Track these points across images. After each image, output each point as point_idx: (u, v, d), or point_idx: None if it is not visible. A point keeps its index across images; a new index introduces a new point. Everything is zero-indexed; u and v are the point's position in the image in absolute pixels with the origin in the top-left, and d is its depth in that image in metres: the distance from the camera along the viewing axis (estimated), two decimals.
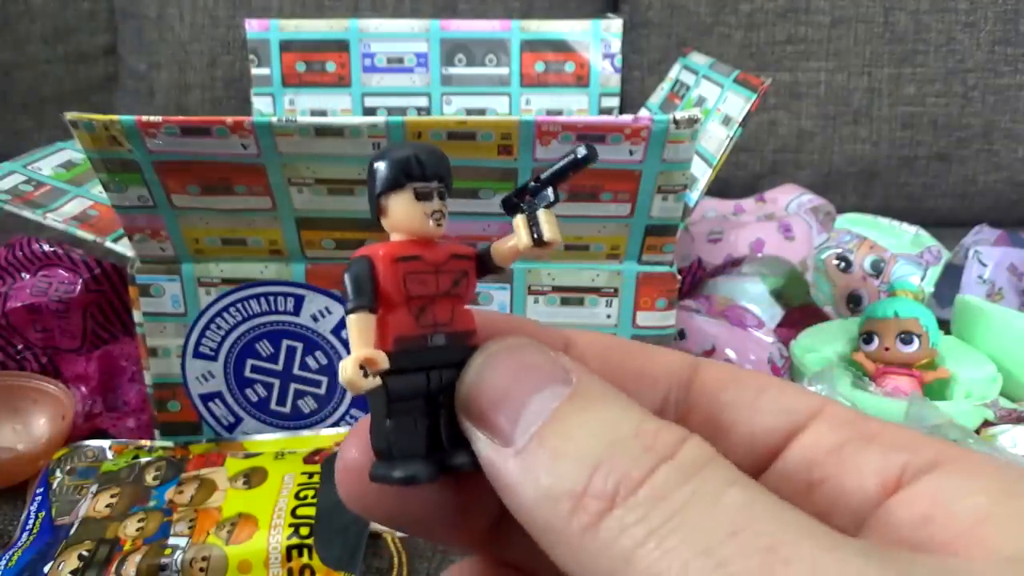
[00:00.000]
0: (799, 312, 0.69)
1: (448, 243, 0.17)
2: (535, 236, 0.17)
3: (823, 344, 0.65)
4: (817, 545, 0.12)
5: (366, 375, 0.15)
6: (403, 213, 0.17)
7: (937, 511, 0.14)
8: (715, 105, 0.57)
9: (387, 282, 0.16)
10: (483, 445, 0.14)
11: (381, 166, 0.17)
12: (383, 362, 0.15)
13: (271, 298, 0.51)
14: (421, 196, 0.16)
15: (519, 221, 0.17)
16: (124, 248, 0.52)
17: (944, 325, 0.65)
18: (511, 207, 0.17)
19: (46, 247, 0.62)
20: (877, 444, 0.15)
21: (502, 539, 0.17)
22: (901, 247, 0.80)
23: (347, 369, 0.15)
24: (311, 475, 0.49)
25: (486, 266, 0.17)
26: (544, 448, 0.13)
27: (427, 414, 0.15)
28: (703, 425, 0.16)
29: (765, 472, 0.16)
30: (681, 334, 0.61)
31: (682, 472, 0.13)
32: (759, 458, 0.16)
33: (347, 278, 0.16)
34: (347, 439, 0.16)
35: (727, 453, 0.15)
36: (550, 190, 0.17)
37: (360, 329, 0.15)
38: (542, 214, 0.17)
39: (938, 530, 0.13)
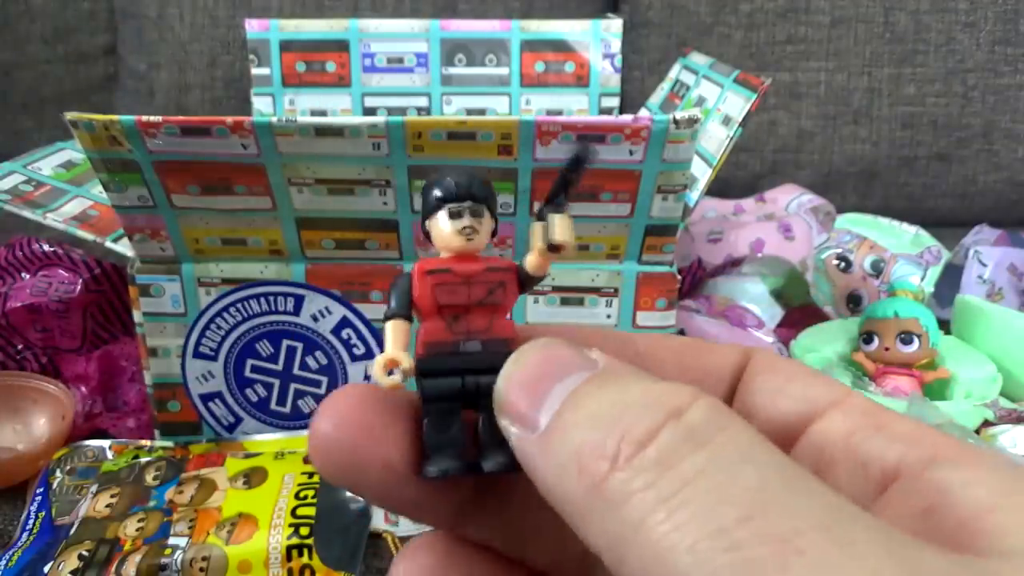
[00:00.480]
0: (799, 312, 0.69)
1: (489, 257, 0.18)
2: (547, 240, 0.17)
3: (823, 344, 0.65)
4: (832, 539, 0.11)
5: (391, 374, 0.17)
6: (438, 231, 0.18)
7: (939, 502, 0.14)
8: (715, 105, 0.57)
9: (418, 293, 0.17)
10: (514, 437, 0.15)
11: (424, 194, 0.18)
12: (405, 363, 0.17)
13: (271, 298, 0.51)
14: (453, 215, 0.18)
15: (535, 227, 0.18)
16: (124, 248, 0.52)
17: (944, 325, 0.65)
18: (537, 215, 0.18)
19: (46, 247, 0.62)
20: (883, 434, 0.15)
21: (467, 519, 0.17)
22: (901, 247, 0.80)
23: (374, 367, 0.17)
24: (311, 475, 0.49)
25: (526, 277, 0.18)
26: (560, 423, 0.14)
27: (460, 416, 0.17)
28: (736, 408, 0.17)
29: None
30: (681, 334, 0.61)
31: (692, 435, 0.12)
32: (777, 441, 0.16)
33: (390, 289, 0.18)
34: (319, 412, 0.17)
35: None
36: (561, 196, 0.18)
37: (392, 334, 0.18)
38: (554, 219, 0.17)
39: (941, 521, 0.13)
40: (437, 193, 0.18)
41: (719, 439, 0.13)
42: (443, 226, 0.18)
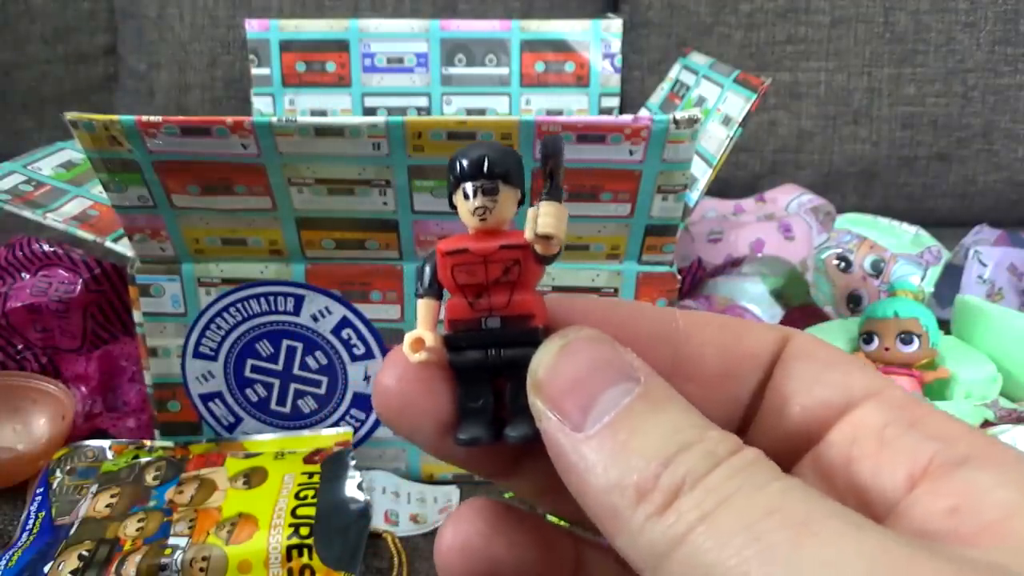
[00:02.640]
0: (799, 312, 0.69)
1: (508, 233, 0.18)
2: (533, 230, 0.18)
3: None
4: (845, 522, 0.13)
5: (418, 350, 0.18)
6: (459, 211, 0.18)
7: (964, 503, 0.14)
8: (715, 105, 0.57)
9: (440, 273, 0.18)
10: (552, 426, 0.15)
11: (448, 172, 0.19)
12: (429, 340, 0.18)
13: (271, 298, 0.51)
14: (466, 195, 0.18)
15: (528, 214, 0.18)
16: (124, 248, 0.52)
17: (944, 325, 0.65)
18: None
19: (46, 247, 0.62)
20: (916, 430, 0.16)
21: (508, 474, 0.19)
22: (901, 247, 0.80)
23: (404, 343, 0.18)
24: (311, 475, 0.49)
25: (538, 255, 0.19)
26: (615, 440, 0.15)
27: (490, 386, 0.18)
28: (771, 392, 0.18)
29: (815, 444, 0.17)
30: None
31: (734, 470, 0.14)
32: (812, 429, 0.17)
33: (420, 268, 0.19)
34: (385, 365, 0.18)
35: (783, 419, 0.17)
36: (548, 186, 0.18)
37: (421, 312, 0.18)
38: (539, 207, 0.18)
39: (964, 522, 0.14)
40: (453, 172, 0.18)
41: (751, 469, 0.14)
42: (461, 206, 0.18)
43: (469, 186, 0.18)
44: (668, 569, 0.14)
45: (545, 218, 0.17)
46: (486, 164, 0.18)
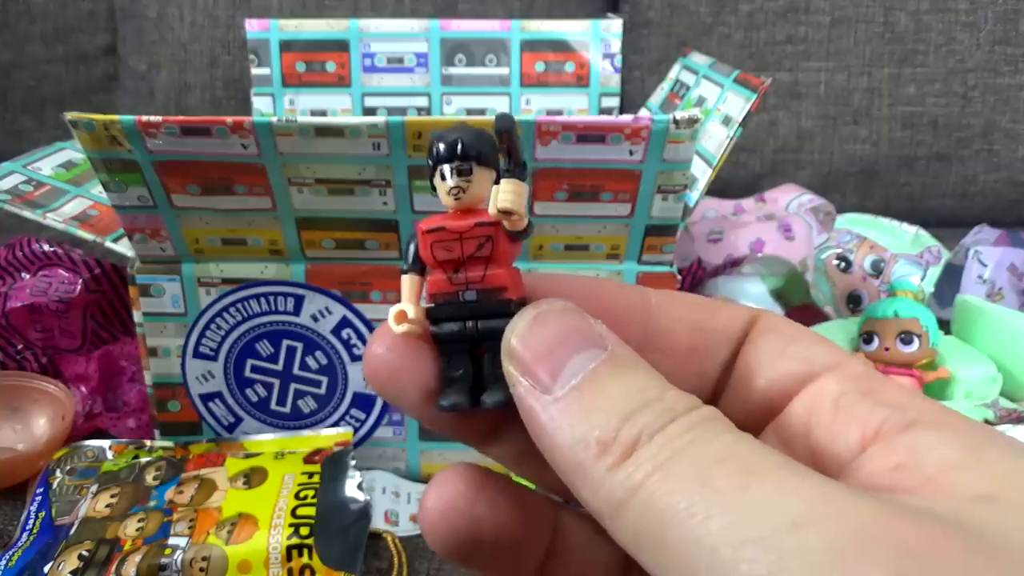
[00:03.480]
0: (799, 312, 0.69)
1: (480, 213, 0.19)
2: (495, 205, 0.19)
3: None
4: (790, 471, 0.14)
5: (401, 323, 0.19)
6: (438, 192, 0.19)
7: (908, 460, 0.15)
8: (715, 105, 0.57)
9: (421, 251, 0.19)
10: (524, 391, 0.17)
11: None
12: (412, 313, 0.19)
13: (271, 298, 0.51)
14: (442, 176, 0.19)
15: (492, 191, 0.19)
16: (124, 248, 0.52)
17: (944, 325, 0.65)
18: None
19: (46, 247, 0.62)
20: (869, 398, 0.16)
21: (488, 440, 0.20)
22: (901, 247, 0.80)
23: (388, 316, 0.19)
24: (311, 475, 0.49)
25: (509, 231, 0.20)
26: (580, 401, 0.16)
27: (469, 355, 0.19)
28: (739, 365, 0.19)
29: (778, 414, 0.18)
30: None
31: (689, 424, 0.15)
32: (776, 400, 0.18)
33: (405, 247, 0.20)
34: (374, 337, 0.19)
35: (749, 392, 0.18)
36: (508, 164, 0.19)
37: (405, 287, 0.20)
38: (501, 184, 0.19)
39: (907, 476, 0.15)
40: (431, 155, 0.19)
41: (705, 423, 0.15)
42: (438, 187, 0.19)
43: (446, 168, 0.19)
44: (626, 516, 0.15)
45: (504, 195, 0.18)
46: (459, 146, 0.19)
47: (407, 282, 0.20)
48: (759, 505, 0.13)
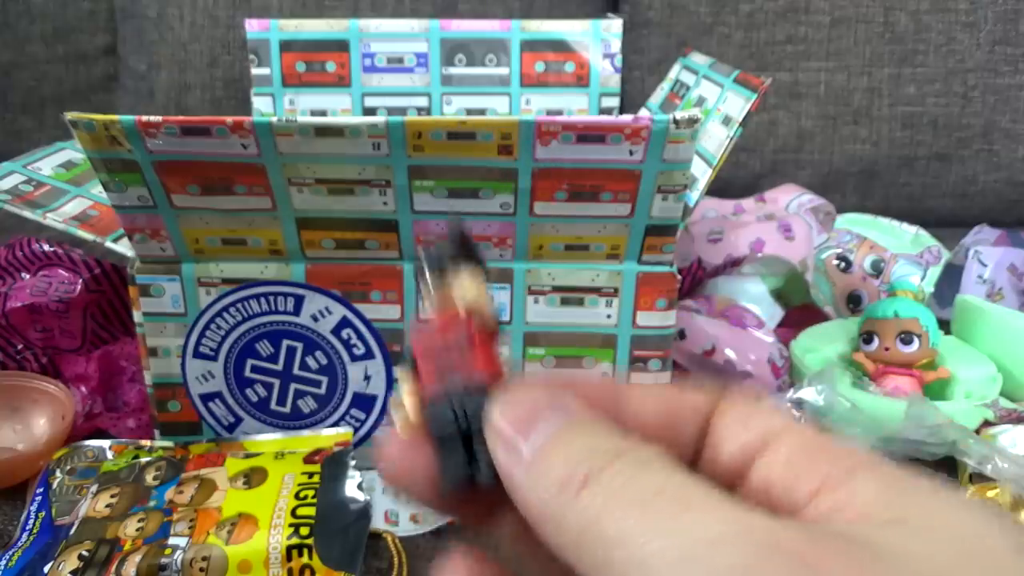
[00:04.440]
0: (799, 312, 0.69)
1: (455, 313, 0.22)
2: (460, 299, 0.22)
3: (823, 344, 0.65)
4: (717, 500, 0.16)
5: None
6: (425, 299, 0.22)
7: (846, 501, 0.17)
8: (715, 105, 0.57)
9: (414, 353, 0.22)
10: (503, 458, 0.19)
11: None
12: (412, 417, 0.21)
13: (271, 298, 0.51)
14: (426, 286, 0.22)
15: (454, 293, 0.22)
16: (124, 248, 0.52)
17: (944, 325, 0.65)
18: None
19: (46, 247, 0.62)
20: (815, 457, 0.19)
21: (483, 526, 0.22)
22: (901, 247, 0.80)
23: (395, 422, 0.22)
24: (311, 475, 0.49)
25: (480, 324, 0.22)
26: (546, 455, 0.18)
27: (462, 439, 0.21)
28: (709, 440, 0.21)
29: (746, 476, 0.20)
30: (681, 334, 0.61)
31: (634, 461, 0.18)
32: (741, 465, 0.20)
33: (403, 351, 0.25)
34: (384, 445, 0.21)
35: (719, 460, 0.20)
36: (460, 259, 0.22)
37: (404, 389, 0.22)
38: (464, 282, 0.22)
39: (842, 514, 0.17)
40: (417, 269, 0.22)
41: (651, 462, 0.18)
42: (424, 296, 0.22)
43: (427, 278, 0.22)
44: (584, 546, 0.17)
45: (462, 291, 0.22)
46: (433, 260, 0.22)
47: (405, 385, 0.22)
48: (689, 528, 0.16)
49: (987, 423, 0.57)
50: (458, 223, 0.22)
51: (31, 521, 0.48)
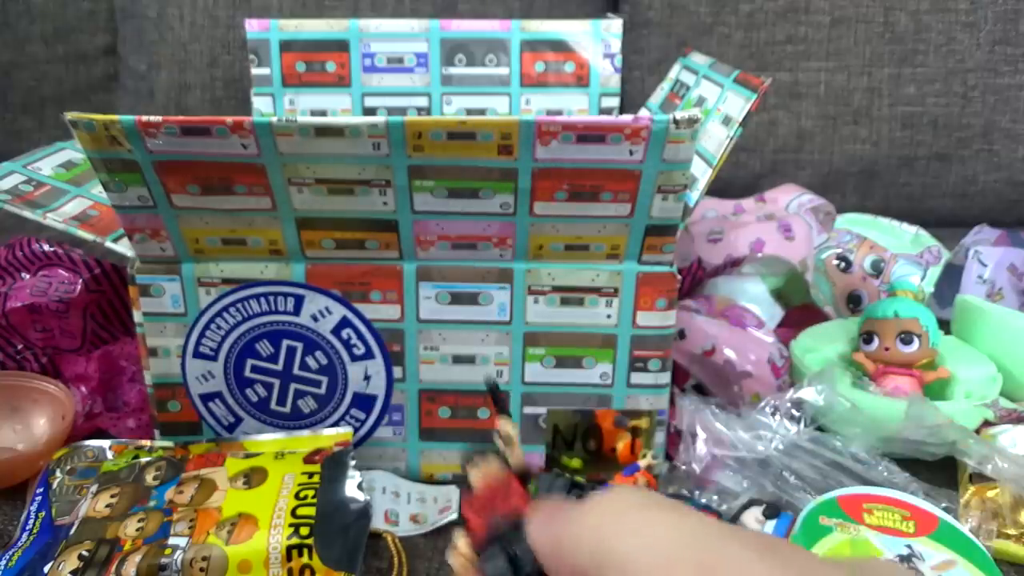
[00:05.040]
0: (799, 312, 0.69)
1: (495, 477, 0.29)
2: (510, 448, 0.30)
3: (823, 344, 0.65)
4: (684, 512, 0.21)
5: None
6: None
7: None
8: (715, 105, 0.57)
9: (463, 514, 0.29)
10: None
11: None
12: (470, 556, 0.28)
13: (271, 298, 0.51)
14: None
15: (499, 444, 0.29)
16: (124, 248, 0.52)
17: (944, 325, 0.65)
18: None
19: (46, 247, 0.62)
20: None
21: None
22: (901, 247, 0.80)
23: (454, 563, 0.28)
24: (311, 475, 0.49)
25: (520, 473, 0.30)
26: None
27: (513, 571, 0.27)
28: None
29: None
30: (681, 334, 0.61)
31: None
32: None
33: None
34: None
35: None
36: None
37: (460, 541, 0.28)
38: (500, 424, 0.29)
39: None
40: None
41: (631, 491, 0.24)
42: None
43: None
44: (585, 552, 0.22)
45: (504, 429, 0.28)
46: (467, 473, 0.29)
47: (460, 540, 0.28)
48: (651, 527, 0.21)
49: (987, 423, 0.57)
50: (492, 380, 0.30)
51: (31, 521, 0.48)
